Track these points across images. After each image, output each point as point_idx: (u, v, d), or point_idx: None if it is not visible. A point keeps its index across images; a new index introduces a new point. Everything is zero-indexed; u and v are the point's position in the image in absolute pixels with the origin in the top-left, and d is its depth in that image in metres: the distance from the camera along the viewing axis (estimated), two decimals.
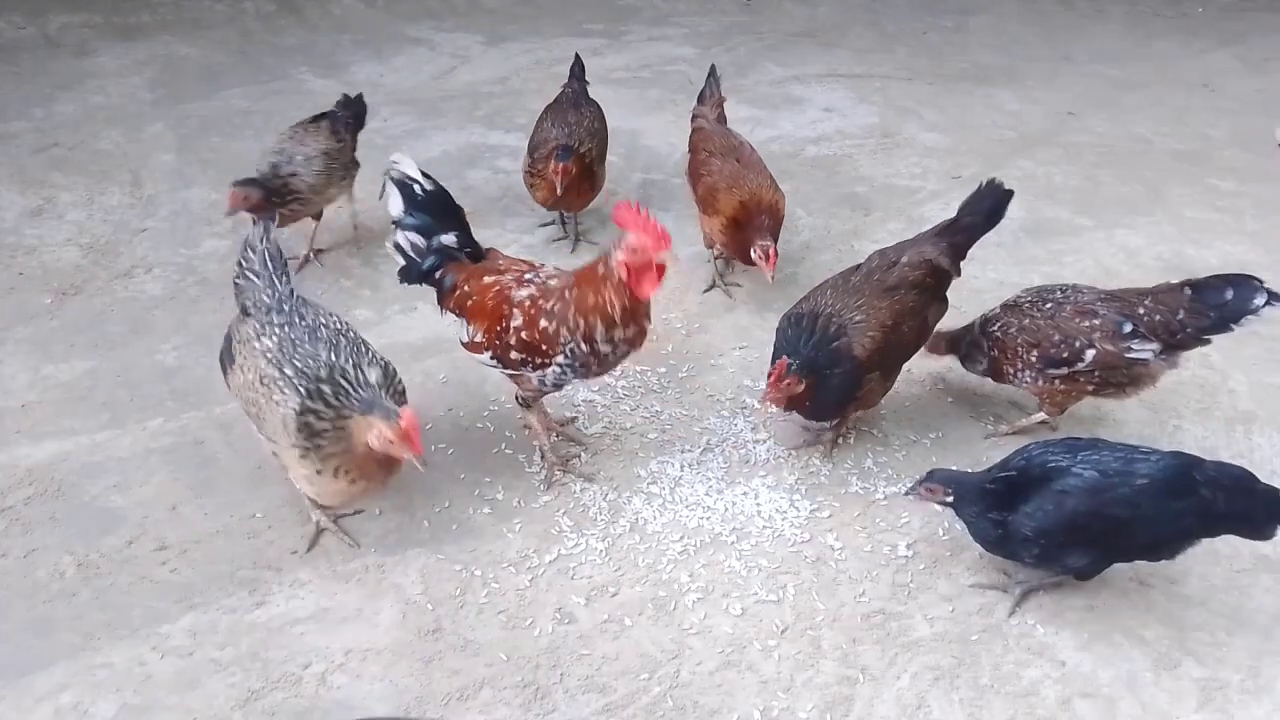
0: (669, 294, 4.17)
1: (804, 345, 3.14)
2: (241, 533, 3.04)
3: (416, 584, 2.90)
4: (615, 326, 2.85)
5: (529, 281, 3.01)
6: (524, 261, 3.16)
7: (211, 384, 3.61)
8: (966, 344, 3.47)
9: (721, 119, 4.36)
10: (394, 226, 3.16)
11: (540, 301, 2.94)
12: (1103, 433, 3.50)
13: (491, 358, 3.05)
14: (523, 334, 2.94)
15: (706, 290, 4.23)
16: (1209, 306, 3.12)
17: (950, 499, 2.86)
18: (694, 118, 4.41)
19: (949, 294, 3.43)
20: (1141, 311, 3.17)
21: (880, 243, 4.55)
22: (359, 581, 2.90)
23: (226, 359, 2.93)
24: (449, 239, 3.11)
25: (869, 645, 2.76)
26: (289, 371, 2.65)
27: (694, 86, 5.17)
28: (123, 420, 3.44)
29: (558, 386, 3.09)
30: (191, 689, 2.60)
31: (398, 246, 3.16)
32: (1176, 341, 3.17)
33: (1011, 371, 3.35)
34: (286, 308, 2.84)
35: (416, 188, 3.10)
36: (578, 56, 4.74)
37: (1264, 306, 3.07)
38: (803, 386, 3.09)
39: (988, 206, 3.35)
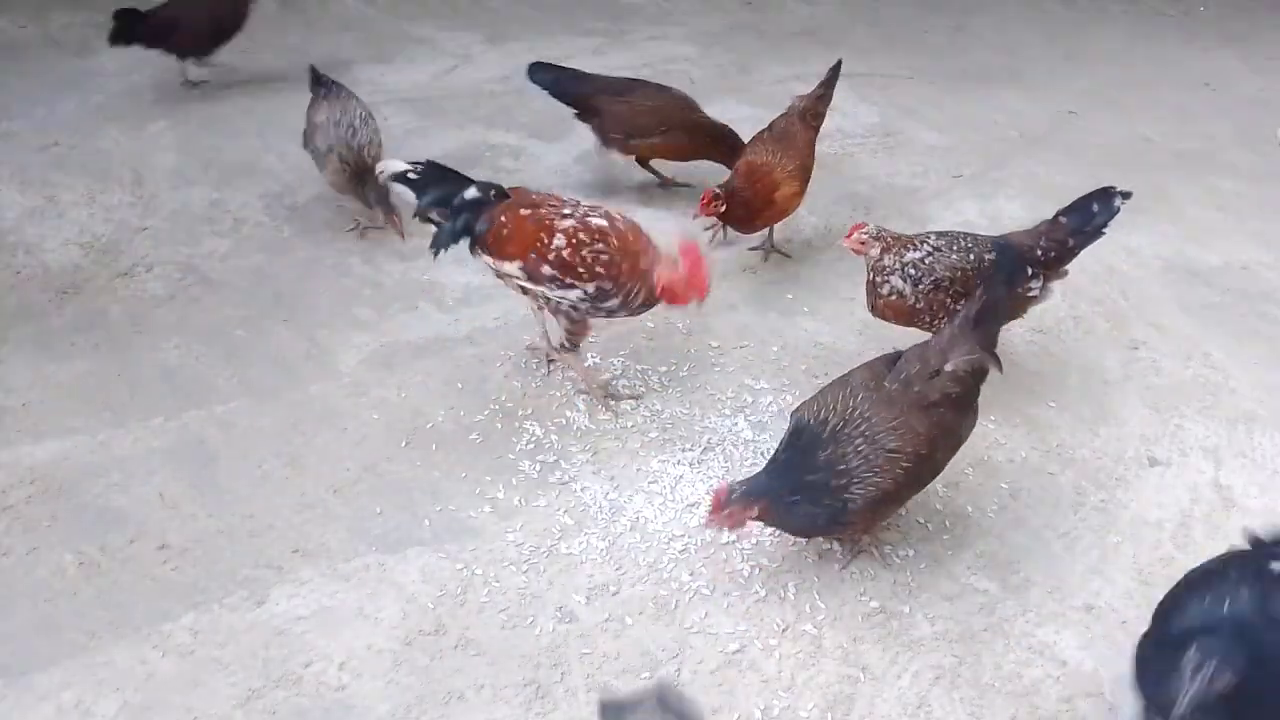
0: None
1: (772, 466, 2.78)
2: (243, 532, 3.04)
3: (417, 583, 2.90)
4: (639, 299, 3.30)
5: (569, 215, 3.28)
6: (554, 196, 3.44)
7: (213, 383, 3.62)
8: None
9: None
10: (417, 217, 3.48)
11: (582, 233, 3.22)
12: (1104, 431, 3.50)
13: (520, 268, 3.28)
14: (564, 253, 3.21)
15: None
16: (1085, 223, 3.44)
17: None
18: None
19: None
20: (1039, 254, 3.41)
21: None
22: (360, 580, 2.91)
23: None
24: (471, 193, 3.38)
25: (870, 644, 2.76)
26: None
27: (694, 85, 5.19)
28: (124, 419, 3.44)
29: (572, 308, 3.32)
30: (193, 688, 2.60)
31: (429, 220, 3.45)
32: (1063, 264, 3.50)
33: (935, 322, 3.38)
34: None
35: (410, 174, 3.42)
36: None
37: (1122, 206, 3.45)
38: (754, 512, 2.71)
39: (1008, 272, 3.13)
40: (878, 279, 3.40)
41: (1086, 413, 3.58)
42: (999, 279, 3.01)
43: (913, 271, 3.35)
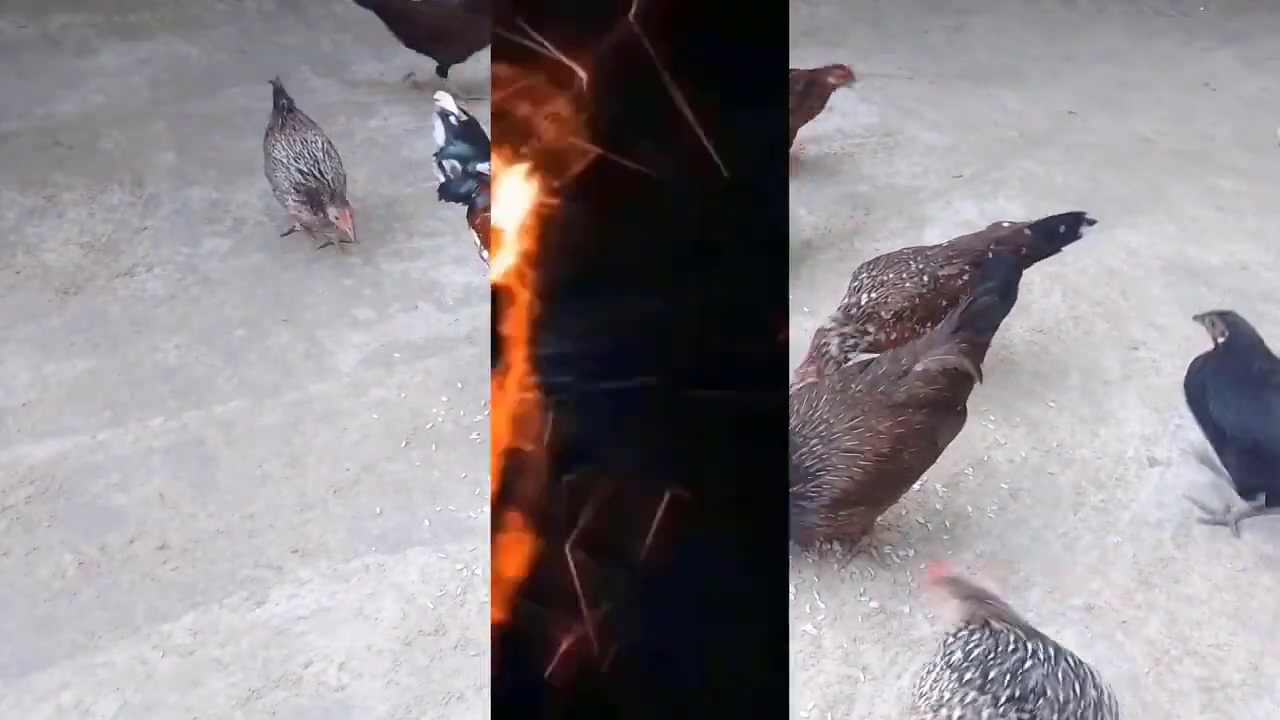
0: None
1: None
2: (243, 532, 3.04)
3: (417, 583, 2.90)
4: None
5: None
6: None
7: (212, 383, 3.62)
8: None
9: None
10: (435, 157, 3.62)
11: None
12: (1104, 431, 3.50)
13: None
14: None
15: None
16: (1048, 239, 3.53)
17: None
18: None
19: None
20: (990, 255, 3.41)
21: (880, 242, 4.56)
22: (360, 581, 2.91)
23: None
24: (484, 167, 3.56)
25: (870, 644, 2.76)
26: None
27: None
28: (124, 419, 3.44)
29: None
30: (192, 688, 2.60)
31: (440, 166, 3.62)
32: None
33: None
34: None
35: (452, 119, 3.61)
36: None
37: (1087, 229, 3.57)
38: None
39: (1001, 279, 2.98)
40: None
41: (1086, 413, 3.58)
42: (990, 287, 2.90)
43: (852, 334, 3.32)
